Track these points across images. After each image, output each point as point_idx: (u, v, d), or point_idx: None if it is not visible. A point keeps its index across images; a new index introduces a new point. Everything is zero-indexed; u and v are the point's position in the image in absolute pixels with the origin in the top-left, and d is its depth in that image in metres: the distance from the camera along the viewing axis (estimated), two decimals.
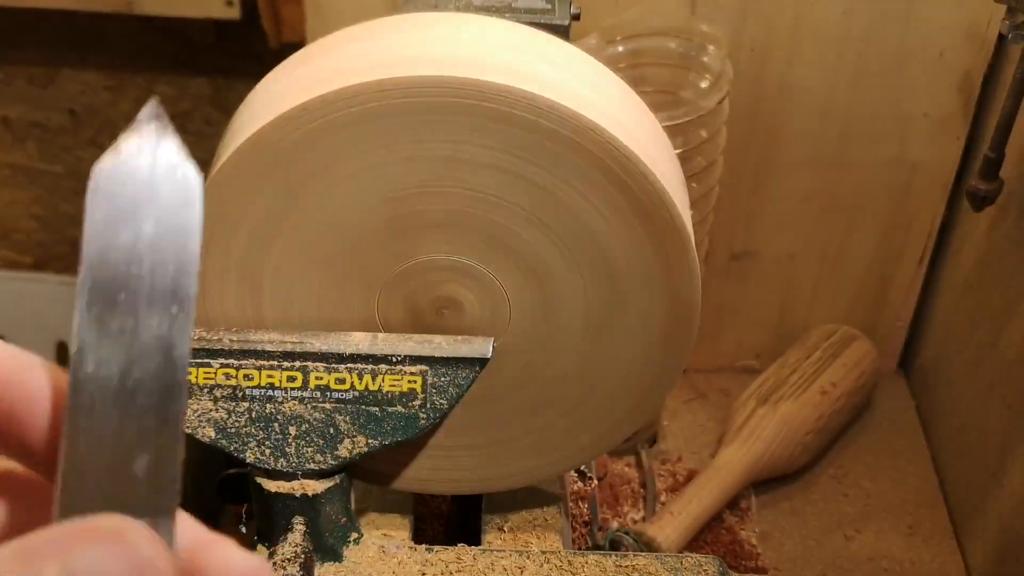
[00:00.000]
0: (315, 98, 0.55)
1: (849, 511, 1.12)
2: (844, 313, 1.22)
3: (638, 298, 0.61)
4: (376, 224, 0.59)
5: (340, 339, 0.59)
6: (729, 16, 1.02)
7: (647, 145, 0.59)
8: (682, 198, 0.61)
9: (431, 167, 0.57)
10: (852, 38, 1.02)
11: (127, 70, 1.41)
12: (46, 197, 1.55)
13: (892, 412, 1.23)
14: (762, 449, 1.08)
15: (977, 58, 1.03)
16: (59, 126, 1.48)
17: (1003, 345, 1.02)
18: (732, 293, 1.21)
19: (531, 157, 0.56)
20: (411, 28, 0.60)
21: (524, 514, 0.73)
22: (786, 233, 1.16)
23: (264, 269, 0.60)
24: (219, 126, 1.44)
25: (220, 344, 0.59)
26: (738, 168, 1.10)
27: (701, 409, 1.23)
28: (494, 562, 0.64)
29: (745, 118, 1.07)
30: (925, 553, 1.07)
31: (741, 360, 1.27)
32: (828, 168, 1.11)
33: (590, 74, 0.62)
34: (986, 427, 1.04)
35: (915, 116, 1.07)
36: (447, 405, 0.60)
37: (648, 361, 0.63)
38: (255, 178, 0.57)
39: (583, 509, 0.84)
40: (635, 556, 0.65)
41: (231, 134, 0.59)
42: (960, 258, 1.14)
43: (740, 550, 1.05)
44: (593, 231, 0.58)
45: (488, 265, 0.61)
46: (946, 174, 1.11)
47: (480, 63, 0.56)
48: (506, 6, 0.72)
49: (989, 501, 1.02)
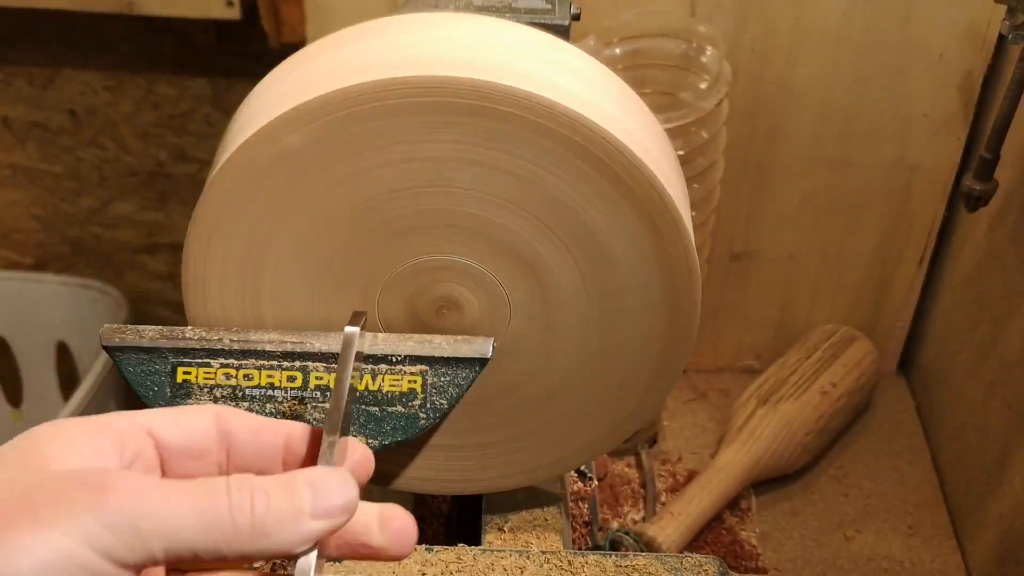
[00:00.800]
0: (314, 99, 0.55)
1: (849, 511, 1.12)
2: (844, 313, 1.22)
3: (636, 288, 0.61)
4: (375, 224, 0.59)
5: (339, 339, 0.59)
6: (729, 17, 1.02)
7: (645, 141, 0.59)
8: (671, 179, 0.61)
9: (431, 168, 0.57)
10: (852, 39, 1.02)
11: (127, 70, 1.41)
12: (46, 197, 1.55)
13: (892, 412, 1.23)
14: (762, 449, 1.08)
15: (977, 59, 1.03)
16: (59, 126, 1.48)
17: (1003, 345, 1.02)
18: (732, 293, 1.21)
19: (531, 156, 0.56)
20: (411, 29, 0.60)
21: (524, 514, 0.73)
22: (786, 233, 1.16)
23: (264, 269, 0.60)
24: (219, 126, 1.44)
25: (220, 344, 0.59)
26: (738, 168, 1.10)
27: (701, 409, 1.23)
28: (494, 562, 0.64)
29: (745, 119, 1.07)
30: (925, 553, 1.07)
31: (741, 360, 1.27)
32: (828, 168, 1.11)
33: (603, 80, 0.62)
34: (986, 427, 1.04)
35: (915, 117, 1.07)
36: (447, 405, 0.60)
37: (649, 357, 0.63)
38: (255, 179, 0.57)
39: (583, 509, 0.84)
40: (635, 556, 0.65)
41: (231, 134, 0.59)
42: (960, 258, 1.14)
43: (740, 550, 1.05)
44: (585, 221, 0.58)
45: (487, 265, 0.61)
46: (946, 175, 1.11)
47: (483, 64, 0.56)
48: (506, 6, 0.72)
49: (989, 501, 1.02)
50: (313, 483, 0.40)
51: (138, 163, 1.50)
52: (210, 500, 0.38)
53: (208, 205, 0.58)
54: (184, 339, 0.58)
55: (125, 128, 1.47)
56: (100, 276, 1.60)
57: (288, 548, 0.39)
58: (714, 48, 0.97)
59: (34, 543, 0.35)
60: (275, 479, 0.39)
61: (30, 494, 0.37)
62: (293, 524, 0.39)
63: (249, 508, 0.38)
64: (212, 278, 0.60)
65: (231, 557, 0.38)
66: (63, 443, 0.40)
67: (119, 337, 0.58)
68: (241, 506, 0.38)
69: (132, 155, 1.49)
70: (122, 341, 0.58)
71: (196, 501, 0.37)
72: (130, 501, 0.37)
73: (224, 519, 0.37)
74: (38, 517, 0.36)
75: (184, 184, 1.52)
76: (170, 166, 1.50)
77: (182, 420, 0.43)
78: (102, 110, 1.45)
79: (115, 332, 0.58)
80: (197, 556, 0.38)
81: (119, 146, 1.49)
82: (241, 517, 0.38)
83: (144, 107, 1.44)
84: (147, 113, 1.45)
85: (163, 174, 1.51)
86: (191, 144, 1.47)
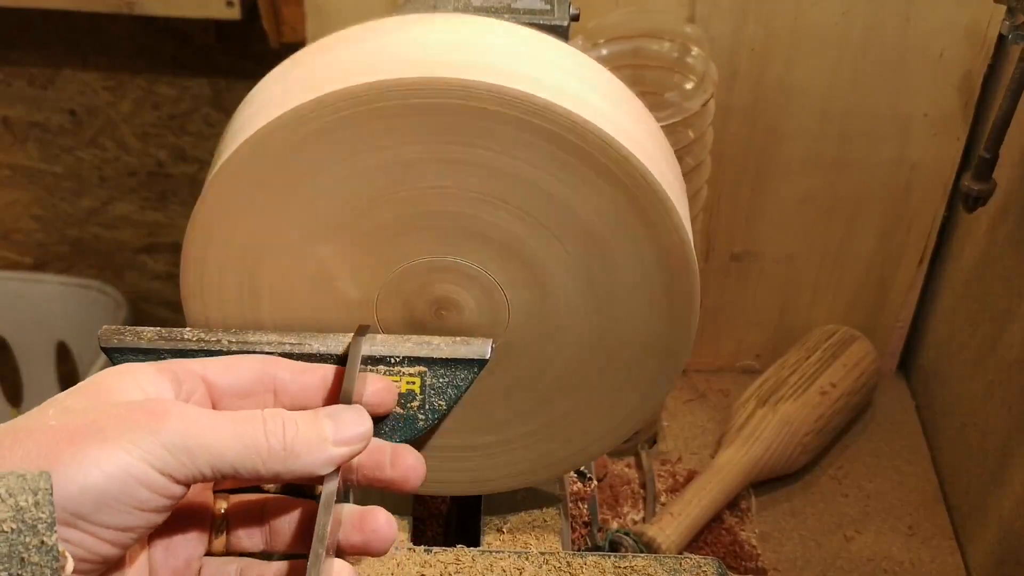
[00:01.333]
0: (313, 100, 0.55)
1: (849, 512, 1.12)
2: (844, 313, 1.22)
3: (633, 284, 0.60)
4: (374, 225, 0.59)
5: (338, 340, 0.59)
6: (728, 17, 1.02)
7: (638, 136, 0.59)
8: (679, 193, 0.61)
9: (431, 169, 0.57)
10: (852, 38, 1.02)
11: (127, 70, 1.41)
12: (46, 197, 1.55)
13: (892, 413, 1.23)
14: (762, 450, 1.08)
15: (977, 58, 1.03)
16: (59, 126, 1.48)
17: (1003, 346, 1.02)
18: (732, 294, 1.21)
19: (524, 155, 0.56)
20: (411, 29, 0.60)
21: (523, 515, 0.73)
22: (786, 233, 1.16)
23: (263, 270, 0.60)
24: (219, 127, 1.44)
25: (219, 345, 0.59)
26: (738, 169, 1.10)
27: (701, 410, 1.23)
28: (493, 563, 0.64)
29: (744, 119, 1.07)
30: (925, 554, 1.07)
31: (741, 361, 1.27)
32: (828, 168, 1.11)
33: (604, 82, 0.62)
34: (986, 428, 1.04)
35: (915, 116, 1.07)
36: (446, 406, 0.60)
37: (648, 355, 0.63)
38: (254, 179, 0.57)
39: (583, 510, 0.85)
40: (634, 557, 0.65)
41: (230, 135, 0.59)
42: (960, 259, 1.14)
43: (740, 551, 1.05)
44: (581, 217, 0.58)
45: (485, 266, 0.61)
46: (946, 174, 1.11)
47: (488, 66, 0.56)
48: (505, 7, 0.72)
49: (989, 502, 1.02)
50: (333, 416, 0.49)
51: (138, 163, 1.50)
52: (249, 427, 0.46)
53: (207, 205, 0.58)
54: (183, 340, 0.58)
55: (125, 128, 1.47)
56: (100, 276, 1.61)
57: (314, 469, 0.47)
58: (700, 49, 0.97)
59: (100, 458, 0.42)
60: (302, 413, 0.48)
61: (99, 419, 0.44)
62: (318, 448, 0.47)
63: (281, 434, 0.46)
64: (211, 278, 0.60)
65: (266, 476, 0.46)
66: (128, 381, 0.48)
67: (118, 338, 0.58)
68: (275, 432, 0.46)
69: (132, 155, 1.49)
70: (120, 343, 0.58)
71: (238, 428, 0.45)
72: (183, 425, 0.44)
73: (261, 442, 0.45)
74: (105, 437, 0.43)
75: (184, 184, 1.52)
76: (170, 166, 1.50)
77: (232, 366, 0.52)
78: (102, 110, 1.45)
79: (114, 333, 0.58)
80: (238, 474, 0.45)
81: (119, 146, 1.49)
82: (275, 441, 0.46)
83: (144, 107, 1.44)
84: (147, 113, 1.45)
85: (163, 174, 1.51)
86: (191, 144, 1.48)
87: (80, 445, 0.42)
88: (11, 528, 0.40)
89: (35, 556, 0.40)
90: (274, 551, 0.53)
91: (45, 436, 0.43)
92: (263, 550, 0.53)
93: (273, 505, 0.53)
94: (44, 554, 0.40)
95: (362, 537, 0.50)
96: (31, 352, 1.57)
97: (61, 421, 0.44)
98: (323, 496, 0.48)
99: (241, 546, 0.53)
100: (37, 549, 0.40)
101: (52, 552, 0.40)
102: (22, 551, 0.40)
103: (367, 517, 0.50)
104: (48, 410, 0.45)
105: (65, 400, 0.46)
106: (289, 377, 0.53)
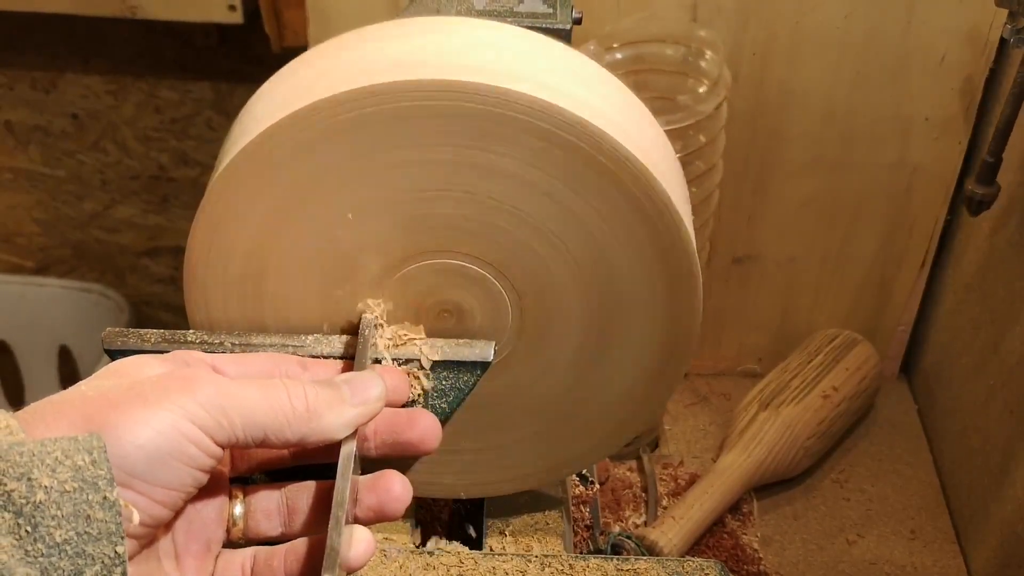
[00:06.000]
0: (315, 103, 0.55)
1: (851, 515, 1.11)
2: (846, 317, 1.22)
3: (637, 293, 0.61)
4: (378, 228, 0.59)
5: (341, 342, 0.59)
6: (730, 20, 1.02)
7: (651, 152, 0.59)
8: (682, 200, 0.61)
9: (434, 171, 0.57)
10: (853, 42, 1.02)
11: (129, 74, 1.42)
12: (48, 201, 1.55)
13: (894, 416, 1.23)
14: (764, 453, 1.08)
15: (979, 62, 1.03)
16: (61, 130, 1.48)
17: (1005, 349, 1.02)
18: (734, 297, 1.21)
19: (537, 162, 0.56)
20: (413, 32, 0.60)
21: (526, 518, 0.73)
22: (787, 237, 1.16)
23: (266, 272, 0.60)
24: (221, 131, 1.44)
25: (222, 348, 0.59)
26: (739, 172, 1.10)
27: (703, 413, 1.23)
28: (495, 566, 0.64)
29: (746, 122, 1.07)
30: (927, 558, 1.07)
31: (743, 364, 1.27)
32: (829, 172, 1.11)
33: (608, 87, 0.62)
34: (988, 431, 1.04)
35: (916, 120, 1.07)
36: (449, 409, 0.60)
37: (650, 361, 0.63)
38: (257, 182, 0.57)
39: (585, 513, 0.84)
40: (636, 560, 0.65)
41: (233, 139, 0.59)
42: (962, 262, 1.14)
43: (742, 554, 1.05)
44: (593, 232, 0.59)
45: (490, 270, 0.61)
46: (948, 178, 1.11)
47: (485, 68, 0.56)
48: (508, 10, 0.72)
49: (991, 505, 1.02)
50: (348, 380, 0.52)
51: (140, 167, 1.50)
52: (274, 391, 0.49)
53: (210, 208, 0.58)
54: (186, 342, 0.58)
55: (127, 132, 1.47)
56: (102, 280, 1.61)
57: (335, 431, 0.50)
58: (713, 52, 0.97)
59: (148, 417, 0.44)
60: (318, 381, 0.51)
61: (134, 388, 0.46)
62: (338, 409, 0.50)
63: (303, 396, 0.49)
64: (214, 281, 0.60)
65: (292, 440, 0.49)
66: (143, 366, 0.50)
67: (121, 341, 0.58)
68: (298, 395, 0.49)
69: (134, 159, 1.49)
70: (124, 345, 0.58)
71: (263, 391, 0.48)
72: (215, 389, 0.47)
73: (285, 403, 0.48)
74: (147, 401, 0.45)
75: (186, 188, 1.52)
76: (172, 170, 1.50)
77: (242, 359, 0.55)
78: (104, 114, 1.45)
79: (117, 336, 0.59)
80: (267, 438, 0.48)
81: (121, 150, 1.49)
82: (298, 402, 0.49)
83: (146, 111, 1.45)
84: (149, 117, 1.45)
85: (165, 178, 1.51)
86: (193, 148, 1.48)
87: (124, 409, 0.44)
88: (73, 487, 0.41)
89: (99, 512, 0.42)
90: (291, 534, 0.54)
91: (87, 405, 0.45)
92: (281, 533, 0.54)
93: (290, 488, 0.55)
94: (107, 509, 0.42)
95: (376, 497, 0.51)
96: (33, 355, 1.57)
97: (99, 392, 0.46)
98: (340, 461, 0.50)
99: (259, 530, 0.54)
100: (100, 505, 0.42)
101: (115, 507, 0.42)
102: (86, 508, 0.41)
103: (381, 479, 0.52)
104: (80, 387, 0.47)
105: (91, 381, 0.48)
106: (299, 370, 0.56)
